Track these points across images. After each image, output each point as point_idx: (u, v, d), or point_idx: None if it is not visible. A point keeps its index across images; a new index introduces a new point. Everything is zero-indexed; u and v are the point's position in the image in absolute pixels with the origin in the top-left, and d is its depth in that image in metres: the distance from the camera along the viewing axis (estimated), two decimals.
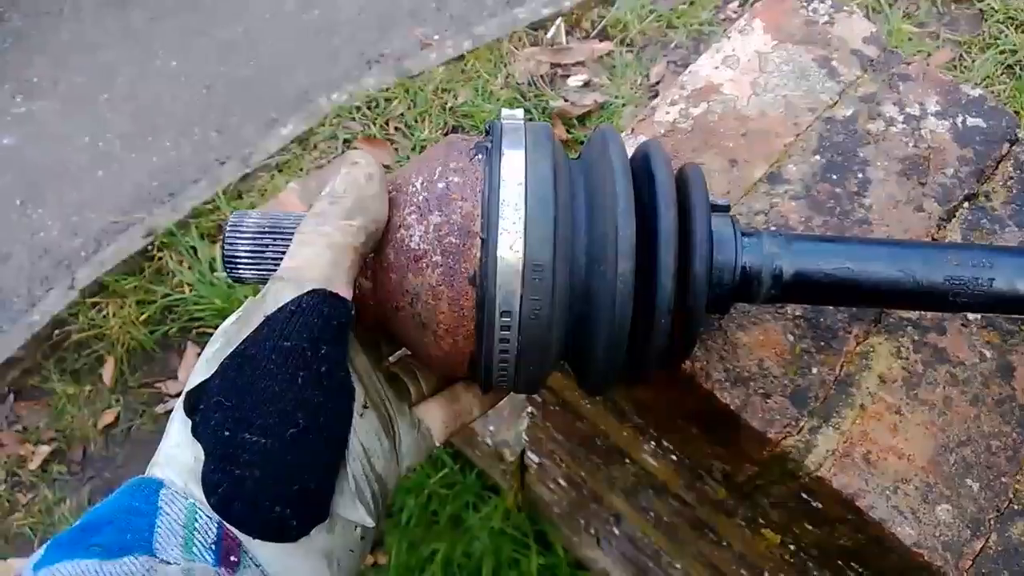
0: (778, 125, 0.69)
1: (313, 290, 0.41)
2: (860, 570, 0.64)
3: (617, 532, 1.31)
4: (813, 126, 0.69)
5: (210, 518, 0.39)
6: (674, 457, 0.77)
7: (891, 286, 0.50)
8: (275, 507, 0.39)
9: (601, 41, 2.54)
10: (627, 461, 0.90)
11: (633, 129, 0.69)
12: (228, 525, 0.39)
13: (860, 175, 0.66)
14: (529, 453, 1.41)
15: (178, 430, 0.42)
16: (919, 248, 0.52)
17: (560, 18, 2.59)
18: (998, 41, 2.21)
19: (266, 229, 0.47)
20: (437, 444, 0.53)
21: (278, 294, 0.42)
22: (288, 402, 0.40)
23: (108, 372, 2.25)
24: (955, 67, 2.20)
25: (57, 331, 2.29)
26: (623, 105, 2.35)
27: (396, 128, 2.43)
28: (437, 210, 0.44)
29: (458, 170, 0.46)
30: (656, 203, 0.46)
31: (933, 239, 0.63)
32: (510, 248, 0.43)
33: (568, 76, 2.47)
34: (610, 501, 1.16)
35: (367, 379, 0.48)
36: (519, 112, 0.49)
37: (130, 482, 0.40)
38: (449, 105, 2.43)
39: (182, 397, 0.43)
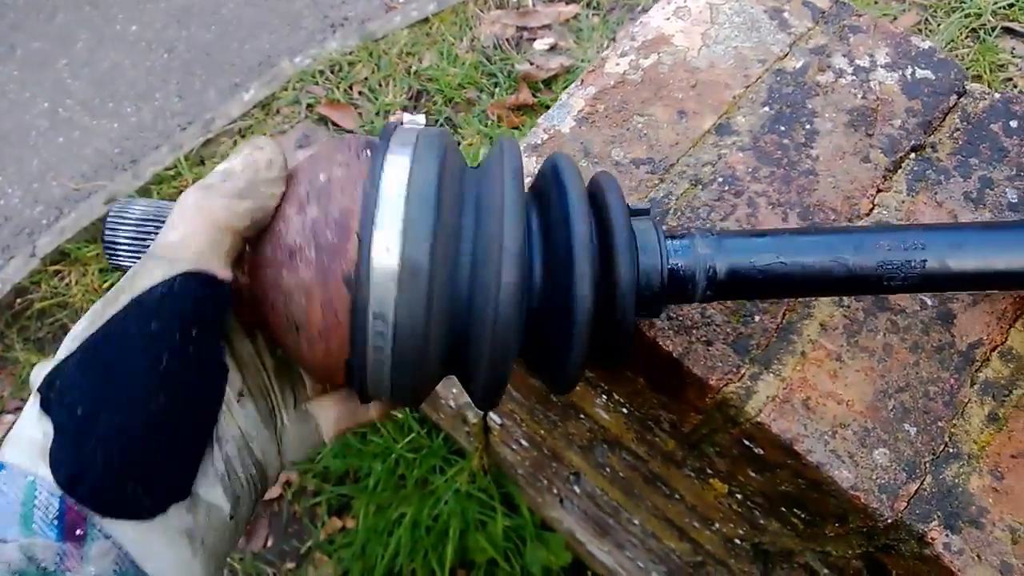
0: (728, 77, 0.69)
1: (187, 272, 0.39)
2: (803, 515, 0.65)
3: (577, 490, 1.32)
4: (763, 78, 0.69)
5: (52, 494, 0.36)
6: (624, 410, 0.77)
7: (825, 276, 0.50)
8: (127, 484, 0.37)
9: (567, 4, 2.52)
10: (581, 416, 0.91)
11: (583, 80, 0.69)
12: (72, 500, 0.37)
13: (808, 126, 0.66)
14: (491, 414, 1.41)
15: (31, 409, 0.39)
16: (851, 235, 0.52)
17: None
18: (963, 4, 2.22)
19: (150, 216, 0.45)
20: (326, 441, 0.51)
21: (148, 273, 0.39)
22: (151, 380, 0.38)
23: None
24: (920, 30, 2.21)
25: (19, 299, 2.27)
26: None
27: (360, 92, 2.40)
28: (316, 203, 0.42)
29: (343, 164, 0.43)
30: (568, 213, 0.45)
31: (879, 190, 0.64)
32: (386, 249, 0.41)
33: (534, 39, 2.45)
34: (569, 458, 1.17)
35: (250, 366, 0.47)
36: (420, 118, 0.48)
37: None
38: (414, 69, 2.41)
39: (38, 376, 0.40)
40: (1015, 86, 2.06)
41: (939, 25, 2.20)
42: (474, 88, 2.35)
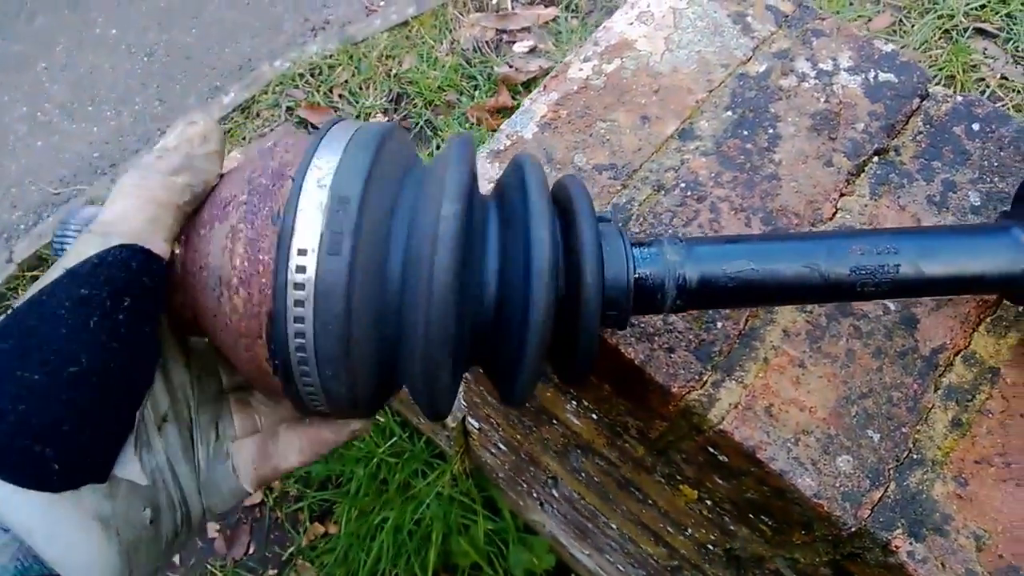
0: (691, 82, 0.68)
1: (122, 244, 0.38)
2: (770, 522, 0.64)
3: (556, 494, 1.32)
4: (726, 82, 0.68)
5: None
6: (594, 416, 0.77)
7: (798, 283, 0.49)
8: (35, 446, 0.35)
9: (547, 7, 2.52)
10: (554, 421, 0.90)
11: (546, 86, 0.69)
12: None
13: (771, 130, 0.66)
14: (469, 418, 1.41)
15: None
16: (823, 240, 0.50)
17: None
18: (936, 5, 2.23)
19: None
20: (247, 488, 0.48)
21: (83, 247, 0.38)
22: (73, 343, 0.36)
23: None
24: (894, 32, 2.22)
25: None
26: None
27: (340, 96, 2.39)
28: (258, 161, 0.42)
29: (292, 136, 0.44)
30: (528, 227, 0.43)
31: (842, 194, 0.64)
32: (318, 183, 0.39)
33: (514, 42, 2.45)
34: (546, 463, 1.16)
35: (178, 394, 0.45)
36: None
37: None
38: (394, 72, 2.40)
39: None
40: (987, 86, 2.07)
41: (913, 26, 2.21)
42: (454, 91, 2.34)
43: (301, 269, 0.39)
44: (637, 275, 0.47)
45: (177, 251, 0.43)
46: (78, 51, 2.78)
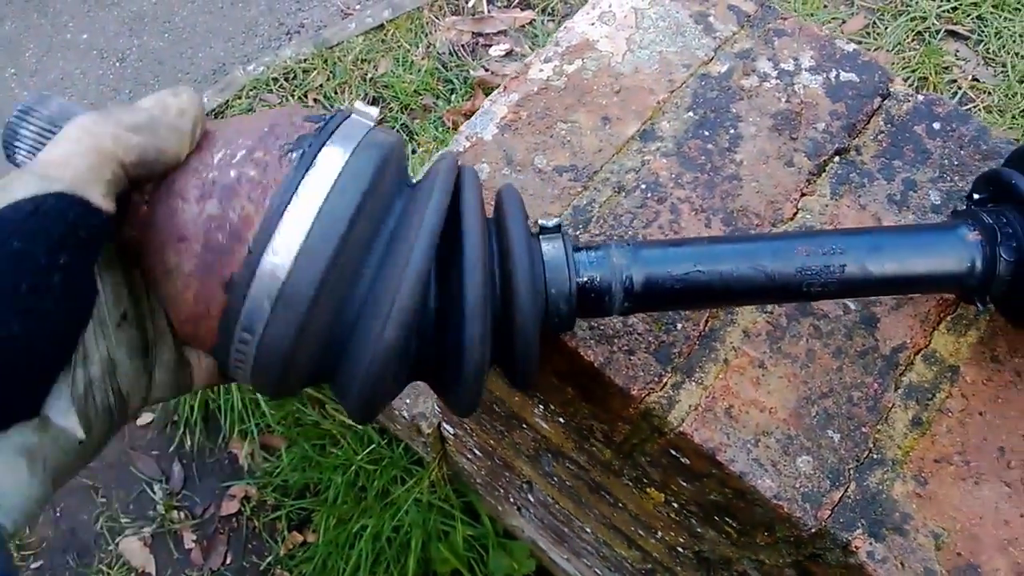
0: (652, 82, 0.68)
1: (60, 192, 0.36)
2: (734, 524, 0.64)
3: (531, 499, 1.31)
4: (688, 83, 0.68)
5: None
6: (561, 420, 0.77)
7: (744, 284, 0.50)
8: None
9: (523, 10, 2.52)
10: (524, 426, 0.90)
11: (506, 87, 0.68)
12: None
13: (732, 131, 0.66)
14: (444, 424, 1.40)
15: None
16: (768, 242, 0.51)
17: None
18: (909, 8, 2.24)
19: (58, 125, 0.41)
20: (196, 386, 0.49)
21: (19, 187, 0.36)
22: (4, 306, 0.35)
23: None
24: (868, 34, 2.23)
25: None
26: None
27: (315, 100, 2.38)
28: (218, 199, 0.40)
29: (260, 163, 0.40)
30: (463, 269, 0.44)
31: (803, 194, 0.64)
32: (272, 272, 0.39)
33: (490, 45, 2.45)
34: (519, 468, 1.16)
35: (135, 294, 0.44)
36: (373, 111, 0.44)
37: None
38: (369, 76, 2.40)
39: None
40: (959, 88, 2.09)
41: (886, 28, 2.22)
42: (430, 94, 2.33)
43: (244, 341, 0.40)
44: (585, 279, 0.48)
45: (130, 232, 0.42)
46: (48, 56, 2.76)
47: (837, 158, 0.65)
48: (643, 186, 0.63)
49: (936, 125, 0.66)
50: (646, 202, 0.62)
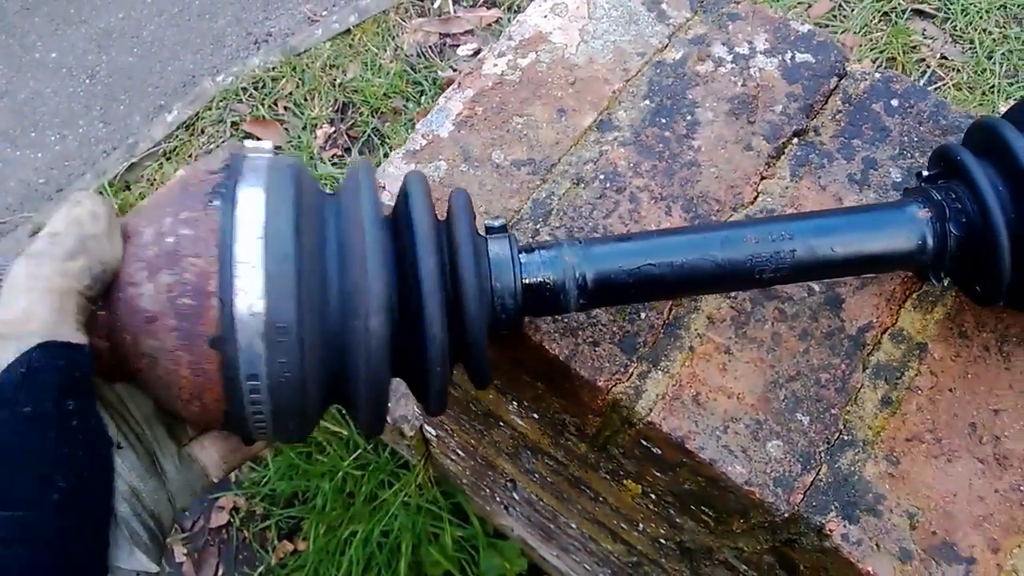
0: (607, 72, 0.67)
1: (40, 344, 0.36)
2: (711, 512, 0.64)
3: (516, 497, 1.31)
4: (643, 71, 0.68)
5: None
6: (535, 416, 0.76)
7: (696, 275, 0.50)
8: None
9: (489, 9, 2.51)
10: (501, 424, 0.89)
11: (461, 84, 0.67)
12: None
13: (689, 117, 0.65)
14: (426, 426, 1.39)
15: None
16: (717, 231, 0.51)
17: None
18: None
19: None
20: (214, 480, 0.49)
21: None
22: (43, 467, 0.35)
23: None
24: (835, 17, 2.23)
25: None
26: None
27: (285, 108, 2.37)
28: (167, 268, 0.40)
29: (190, 221, 0.41)
30: (416, 251, 0.45)
31: (762, 177, 0.63)
32: (249, 309, 0.39)
33: (458, 46, 2.43)
34: (501, 466, 1.15)
35: (120, 416, 0.45)
36: (267, 144, 0.46)
37: None
38: (338, 81, 2.38)
39: None
40: (928, 66, 2.09)
41: (852, 10, 2.22)
42: (400, 97, 2.32)
43: (254, 391, 0.41)
44: (538, 279, 0.49)
45: (100, 344, 0.42)
46: (17, 76, 2.73)
47: (796, 140, 0.65)
48: (601, 176, 0.62)
49: (894, 102, 0.66)
50: (605, 192, 0.62)
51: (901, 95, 0.66)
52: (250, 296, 0.39)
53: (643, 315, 0.57)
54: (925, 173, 0.56)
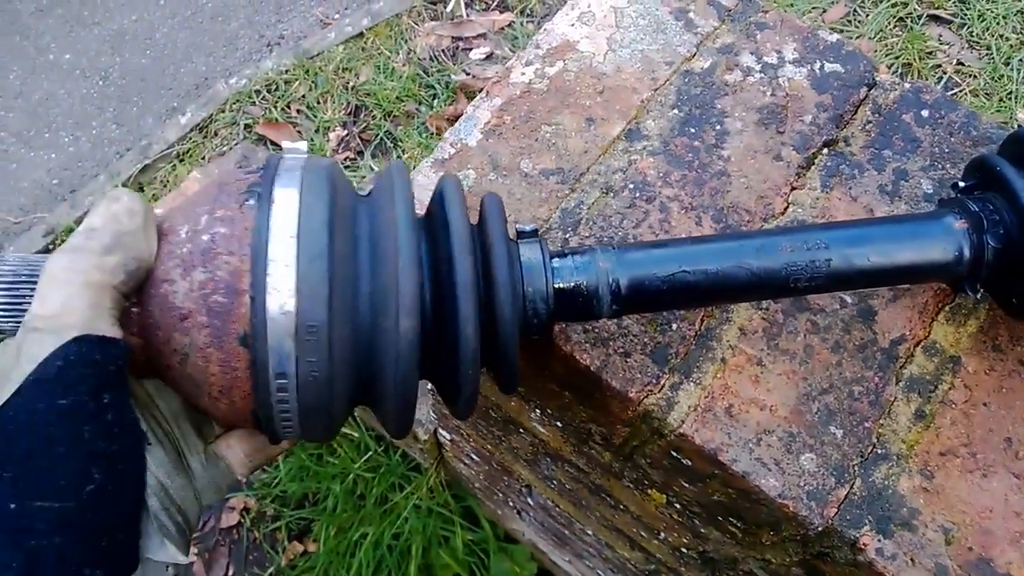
0: (635, 81, 0.67)
1: (77, 338, 0.37)
2: (739, 524, 0.63)
3: (531, 503, 1.30)
4: (671, 80, 0.67)
5: None
6: (559, 424, 0.76)
7: (730, 283, 0.50)
8: (83, 570, 0.36)
9: (502, 12, 2.51)
10: (521, 430, 0.89)
11: (489, 92, 0.67)
12: None
13: (718, 127, 0.65)
14: (440, 430, 1.39)
15: None
16: (753, 239, 0.51)
17: None
18: None
19: (23, 277, 0.42)
20: (239, 478, 0.50)
21: (36, 348, 0.37)
22: (79, 459, 0.36)
23: None
24: (850, 22, 2.23)
25: None
26: None
27: (298, 111, 2.37)
28: (201, 266, 0.40)
29: (225, 220, 0.41)
30: (452, 251, 0.45)
31: (792, 188, 0.63)
32: (281, 308, 0.40)
33: (470, 49, 2.43)
34: (518, 472, 1.15)
35: (149, 413, 0.46)
36: (302, 146, 0.46)
37: None
38: (351, 84, 2.38)
39: None
40: (944, 72, 2.08)
41: (868, 16, 2.22)
42: (412, 100, 2.32)
43: (282, 389, 0.41)
44: (571, 284, 0.49)
45: (132, 340, 0.42)
46: (32, 78, 2.74)
47: (826, 150, 0.65)
48: (631, 186, 0.62)
49: (924, 113, 0.66)
50: (635, 202, 0.62)
51: (931, 106, 0.66)
52: (282, 295, 0.40)
53: (674, 326, 0.57)
54: (961, 184, 0.55)
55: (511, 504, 1.49)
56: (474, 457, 1.35)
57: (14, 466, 0.36)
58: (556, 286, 0.49)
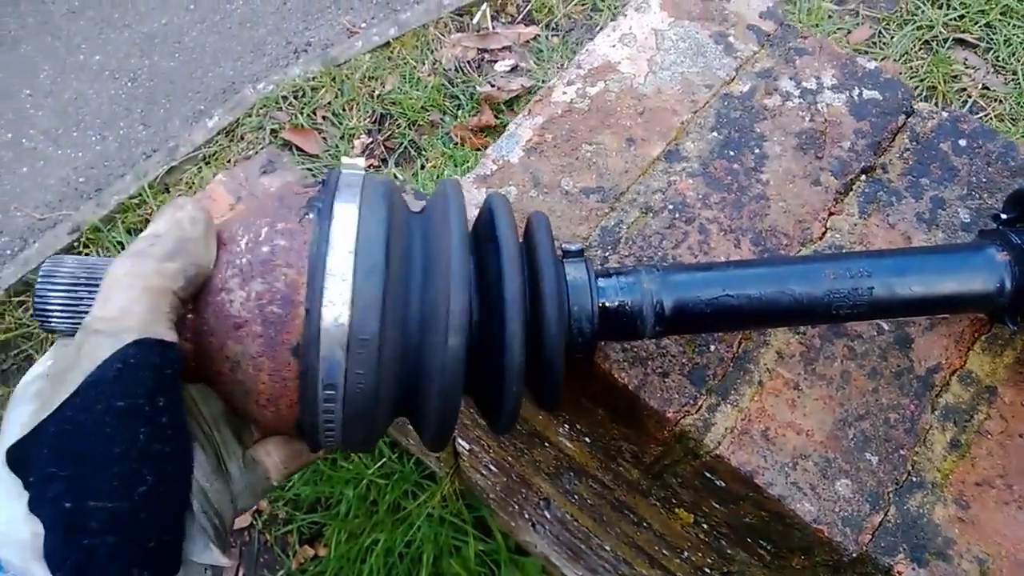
0: (675, 103, 0.68)
1: (136, 341, 0.38)
2: (768, 547, 0.63)
3: (548, 516, 1.30)
4: (710, 103, 0.68)
5: None
6: (587, 440, 0.76)
7: (773, 308, 0.50)
8: (131, 569, 0.37)
9: (527, 26, 2.52)
10: (546, 444, 0.89)
11: (531, 110, 0.68)
12: None
13: (757, 150, 0.65)
14: (459, 440, 1.39)
15: (6, 503, 0.38)
16: (796, 265, 0.52)
17: (485, 3, 2.57)
18: (915, 17, 2.24)
19: (81, 279, 0.43)
20: (275, 484, 0.51)
21: (95, 350, 0.38)
22: (133, 460, 0.37)
23: None
24: (874, 44, 2.23)
25: None
26: None
27: (324, 117, 2.38)
28: (260, 277, 0.41)
29: (285, 232, 0.42)
30: (502, 270, 0.45)
31: (830, 213, 0.63)
32: (335, 320, 0.40)
33: (495, 61, 2.45)
34: (538, 485, 1.15)
35: (192, 416, 0.47)
36: (360, 162, 0.47)
37: None
38: (376, 93, 2.40)
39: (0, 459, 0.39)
40: (969, 96, 2.08)
41: (892, 38, 2.22)
42: (437, 110, 2.33)
43: (329, 400, 0.42)
44: (617, 303, 0.50)
45: (186, 346, 0.43)
46: (62, 77, 2.77)
47: (864, 176, 0.65)
48: (670, 207, 0.63)
49: (962, 142, 0.66)
50: (674, 223, 0.62)
51: (969, 135, 0.67)
52: (337, 307, 0.40)
53: (712, 348, 0.58)
54: (1003, 216, 0.56)
55: (526, 516, 1.49)
56: (492, 468, 1.36)
57: (70, 466, 0.37)
58: (601, 305, 0.49)
